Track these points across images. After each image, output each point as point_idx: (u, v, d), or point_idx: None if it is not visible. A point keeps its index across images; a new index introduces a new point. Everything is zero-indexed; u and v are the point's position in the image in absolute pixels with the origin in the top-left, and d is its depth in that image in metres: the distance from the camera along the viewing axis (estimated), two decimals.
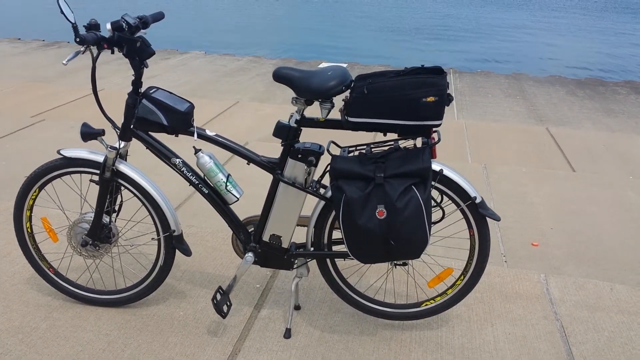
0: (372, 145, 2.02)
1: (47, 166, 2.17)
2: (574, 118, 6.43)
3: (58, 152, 2.15)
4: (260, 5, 19.27)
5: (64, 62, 1.84)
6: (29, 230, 2.30)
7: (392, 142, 2.01)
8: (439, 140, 1.92)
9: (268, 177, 2.37)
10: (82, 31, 1.90)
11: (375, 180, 1.86)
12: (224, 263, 2.72)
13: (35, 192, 2.22)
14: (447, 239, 2.97)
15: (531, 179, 4.01)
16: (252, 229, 2.25)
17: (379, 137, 4.25)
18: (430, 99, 1.83)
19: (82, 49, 1.90)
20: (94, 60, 1.98)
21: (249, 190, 3.24)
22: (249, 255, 2.19)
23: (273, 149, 4.37)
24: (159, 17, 2.21)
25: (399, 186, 1.84)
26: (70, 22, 1.86)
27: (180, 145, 2.97)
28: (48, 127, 4.79)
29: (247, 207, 2.91)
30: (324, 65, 9.32)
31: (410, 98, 1.84)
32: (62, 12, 1.83)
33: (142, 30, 2.09)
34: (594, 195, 3.78)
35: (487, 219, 2.03)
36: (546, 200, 3.69)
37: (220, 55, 9.19)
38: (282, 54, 9.98)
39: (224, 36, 12.86)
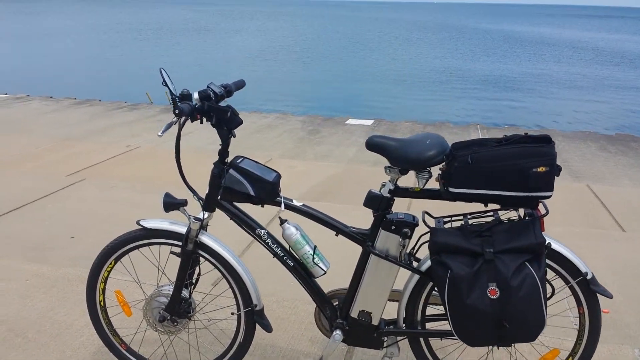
0: (469, 216, 1.93)
1: (125, 237, 2.09)
2: (610, 174, 6.33)
3: (138, 222, 2.07)
4: (285, 63, 19.63)
5: (159, 134, 1.78)
6: (101, 303, 2.20)
7: (491, 213, 1.92)
8: (547, 212, 1.82)
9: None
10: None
11: (485, 255, 1.75)
12: (295, 335, 2.59)
13: (111, 263, 2.13)
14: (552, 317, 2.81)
15: (584, 240, 3.87)
16: (337, 302, 2.13)
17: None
18: (541, 169, 1.75)
19: (175, 119, 1.84)
20: (180, 129, 1.92)
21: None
22: (337, 334, 2.07)
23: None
24: (240, 85, 2.18)
25: (512, 263, 1.73)
26: (173, 94, 1.81)
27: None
28: (88, 186, 4.74)
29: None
30: (351, 121, 9.35)
31: (519, 168, 1.75)
32: (164, 83, 1.79)
33: (225, 99, 2.05)
34: None
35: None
36: (606, 263, 3.55)
37: (249, 113, 9.25)
38: (308, 110, 10.04)
39: (254, 94, 13.01)
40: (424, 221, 1.93)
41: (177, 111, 1.79)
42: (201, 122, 1.95)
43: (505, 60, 20.83)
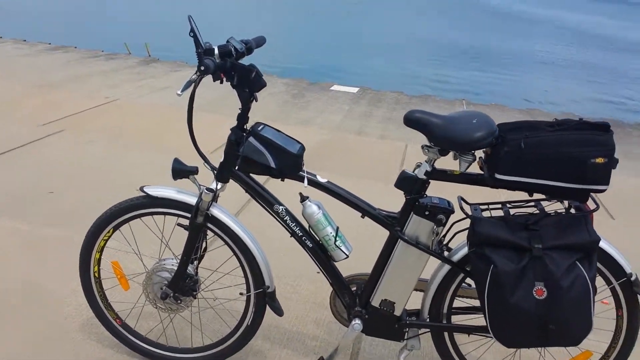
0: (508, 205, 1.77)
1: (126, 204, 1.88)
2: None
3: (141, 189, 1.86)
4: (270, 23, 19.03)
5: (179, 92, 1.57)
6: (96, 275, 2.00)
7: (533, 204, 1.77)
8: (598, 207, 1.68)
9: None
10: None
11: (533, 251, 1.60)
12: (299, 315, 2.43)
13: (109, 232, 1.92)
14: None
15: None
16: (354, 288, 1.97)
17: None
18: (600, 160, 1.59)
19: (196, 76, 1.62)
20: (196, 87, 1.70)
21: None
22: (357, 323, 1.91)
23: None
24: (261, 42, 1.95)
25: (563, 261, 1.59)
26: (202, 46, 1.59)
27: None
28: (66, 138, 4.45)
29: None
30: (336, 87, 9.09)
31: (574, 157, 1.60)
32: (192, 32, 1.57)
33: (245, 57, 1.84)
34: None
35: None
36: None
37: None
38: (292, 73, 9.71)
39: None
40: (461, 208, 1.77)
41: (202, 67, 1.57)
42: (221, 82, 1.73)
43: (495, 36, 20.56)
